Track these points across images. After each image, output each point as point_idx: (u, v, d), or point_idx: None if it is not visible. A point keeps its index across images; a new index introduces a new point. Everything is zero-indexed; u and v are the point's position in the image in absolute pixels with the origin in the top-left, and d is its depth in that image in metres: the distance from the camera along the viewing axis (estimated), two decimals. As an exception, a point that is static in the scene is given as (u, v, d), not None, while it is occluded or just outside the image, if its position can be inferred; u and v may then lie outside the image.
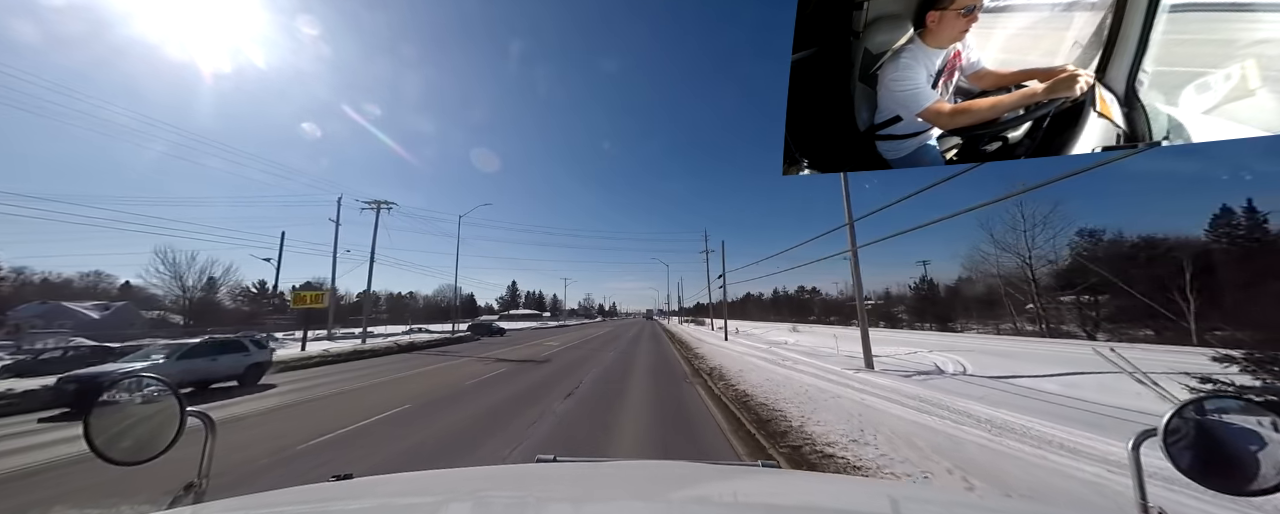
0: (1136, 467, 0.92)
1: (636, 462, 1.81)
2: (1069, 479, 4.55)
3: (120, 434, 1.08)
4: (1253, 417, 0.87)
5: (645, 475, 1.40)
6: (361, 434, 6.98)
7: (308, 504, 1.05)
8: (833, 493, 1.24)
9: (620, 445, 6.39)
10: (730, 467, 1.57)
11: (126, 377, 1.18)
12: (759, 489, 1.25)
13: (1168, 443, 0.90)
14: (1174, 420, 0.91)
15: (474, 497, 1.15)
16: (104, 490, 4.72)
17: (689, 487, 1.25)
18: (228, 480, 4.90)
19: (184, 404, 1.11)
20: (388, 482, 1.27)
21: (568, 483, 1.24)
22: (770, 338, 31.06)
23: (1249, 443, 0.86)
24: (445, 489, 1.21)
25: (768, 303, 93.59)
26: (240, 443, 6.47)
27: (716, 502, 1.14)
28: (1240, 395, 0.97)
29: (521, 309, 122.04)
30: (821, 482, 1.56)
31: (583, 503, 1.08)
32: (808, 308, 76.14)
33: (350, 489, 1.15)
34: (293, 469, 5.43)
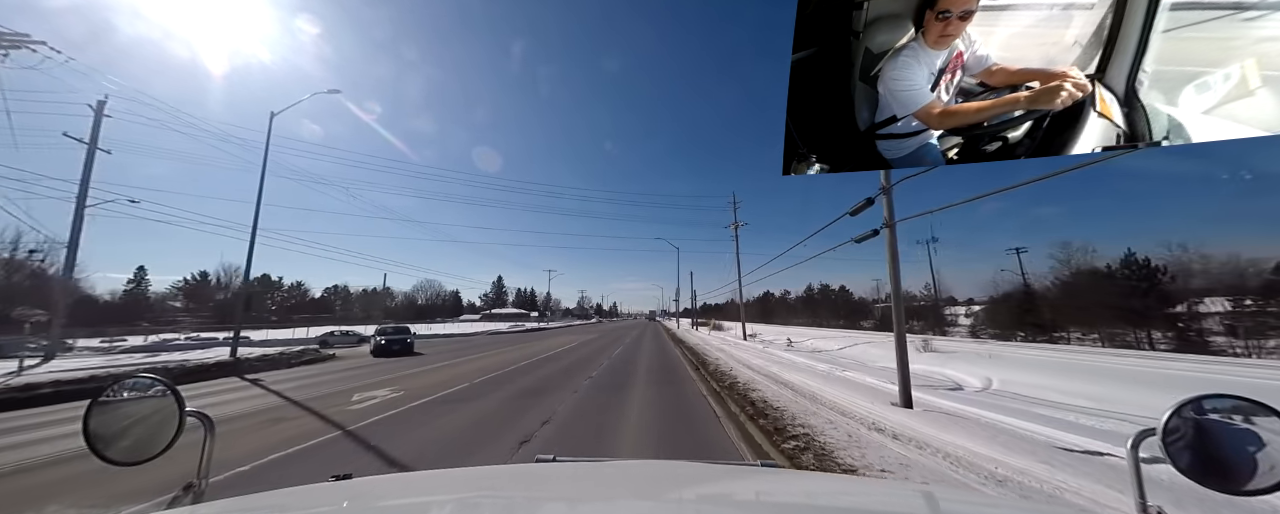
0: (1135, 466, 0.92)
1: (637, 461, 1.82)
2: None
3: (119, 434, 1.08)
4: (1252, 416, 0.87)
5: (645, 475, 1.40)
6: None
7: (307, 504, 1.05)
8: (833, 493, 1.24)
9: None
10: (730, 466, 1.58)
11: (126, 376, 1.18)
12: (759, 489, 1.25)
13: (1167, 442, 0.90)
14: (1173, 420, 0.91)
15: (474, 497, 1.15)
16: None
17: (689, 486, 1.25)
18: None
19: (183, 404, 1.10)
20: (387, 482, 1.27)
21: (567, 483, 1.24)
22: (858, 357, 17.95)
23: (1248, 443, 0.86)
24: (445, 489, 1.21)
25: (795, 304, 78.45)
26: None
27: (716, 502, 1.14)
28: (1239, 395, 0.97)
29: (508, 308, 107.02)
30: (822, 481, 1.56)
31: (582, 503, 1.08)
32: (842, 308, 62.21)
33: (349, 489, 1.15)
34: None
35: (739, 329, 31.10)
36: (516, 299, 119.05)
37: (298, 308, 75.87)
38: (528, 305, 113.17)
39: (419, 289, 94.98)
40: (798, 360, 15.43)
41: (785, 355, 17.45)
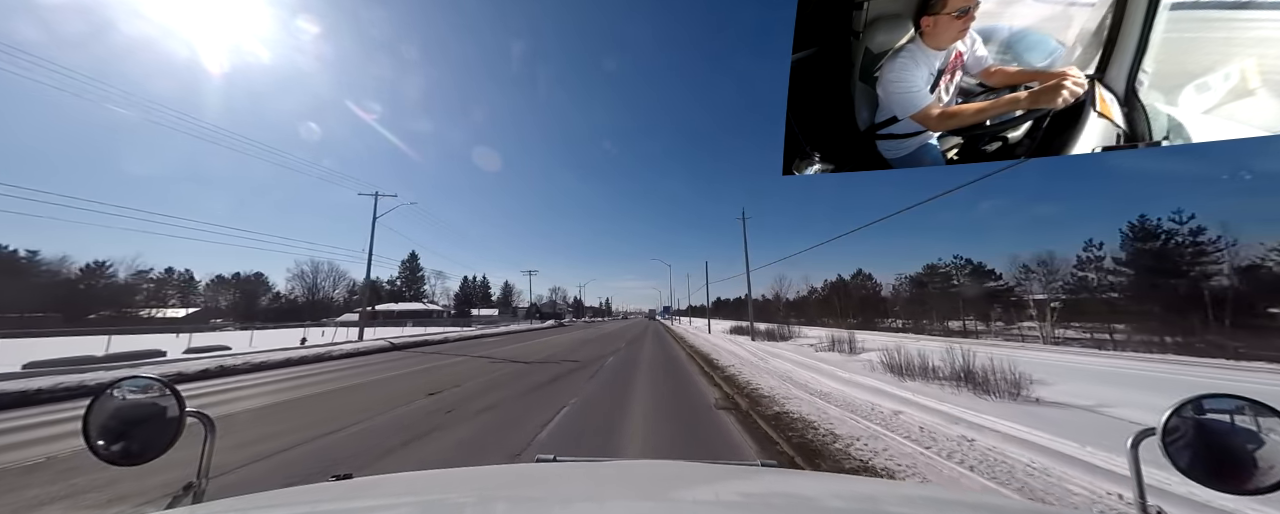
0: (1135, 466, 0.92)
1: (637, 461, 1.82)
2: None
3: (119, 434, 1.08)
4: (1251, 416, 0.87)
5: (646, 475, 1.40)
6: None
7: (307, 504, 1.05)
8: (833, 493, 1.24)
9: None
10: (731, 466, 1.57)
11: (126, 377, 1.18)
12: (759, 489, 1.25)
13: (1166, 442, 0.90)
14: (1172, 420, 0.91)
15: (474, 496, 1.15)
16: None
17: (689, 486, 1.25)
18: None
19: (184, 403, 1.10)
20: (387, 482, 1.27)
21: (567, 482, 1.24)
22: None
23: (1248, 442, 0.86)
24: (445, 489, 1.21)
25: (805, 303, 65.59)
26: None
27: (717, 501, 1.14)
28: (1239, 395, 0.98)
29: (485, 309, 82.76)
30: (822, 481, 1.56)
31: (583, 502, 1.08)
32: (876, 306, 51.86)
33: (350, 489, 1.16)
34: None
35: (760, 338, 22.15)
36: (463, 288, 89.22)
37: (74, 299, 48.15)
38: (473, 301, 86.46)
39: (313, 274, 67.83)
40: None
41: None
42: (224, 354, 16.11)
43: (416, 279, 79.04)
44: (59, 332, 30.76)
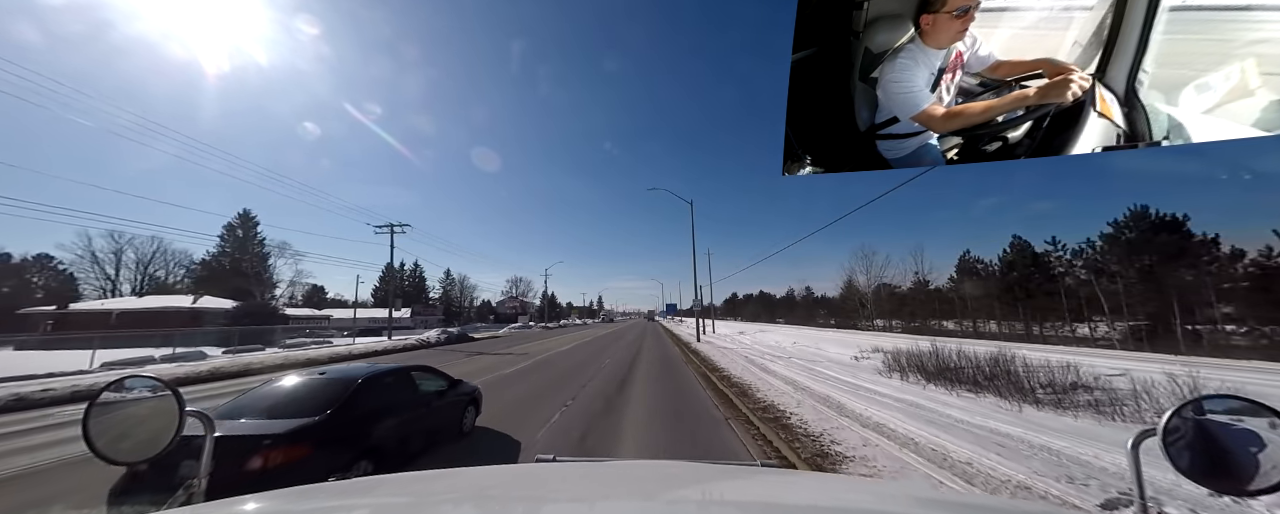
0: (1136, 466, 0.92)
1: (637, 462, 1.82)
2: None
3: (120, 434, 1.08)
4: (1251, 417, 0.87)
5: (646, 475, 1.40)
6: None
7: (307, 504, 1.05)
8: (833, 493, 1.24)
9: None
10: (731, 467, 1.57)
11: (126, 376, 1.18)
12: (759, 489, 1.25)
13: (1167, 443, 0.90)
14: (1173, 420, 0.91)
15: (474, 496, 1.15)
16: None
17: (689, 487, 1.25)
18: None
19: (183, 403, 1.10)
20: (387, 482, 1.27)
21: (568, 483, 1.24)
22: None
23: (1247, 443, 0.86)
24: (445, 489, 1.21)
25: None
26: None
27: (717, 502, 1.14)
28: (1239, 395, 0.98)
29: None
30: (822, 482, 1.56)
31: (583, 503, 1.07)
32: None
33: (350, 489, 1.16)
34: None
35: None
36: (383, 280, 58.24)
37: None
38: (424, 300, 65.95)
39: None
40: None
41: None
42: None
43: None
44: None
